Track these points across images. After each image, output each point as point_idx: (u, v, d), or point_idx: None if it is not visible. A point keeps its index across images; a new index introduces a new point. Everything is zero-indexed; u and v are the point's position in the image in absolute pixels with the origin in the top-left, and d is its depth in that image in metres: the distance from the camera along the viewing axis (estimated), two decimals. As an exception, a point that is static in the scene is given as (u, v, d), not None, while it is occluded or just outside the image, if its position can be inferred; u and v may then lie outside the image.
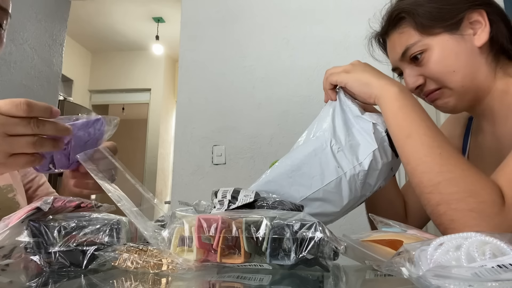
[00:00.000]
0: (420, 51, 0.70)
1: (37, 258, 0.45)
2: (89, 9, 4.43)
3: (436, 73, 0.69)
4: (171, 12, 4.48)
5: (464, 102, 0.71)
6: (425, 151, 0.56)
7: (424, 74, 0.71)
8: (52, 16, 2.89)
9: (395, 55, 0.75)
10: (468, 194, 0.51)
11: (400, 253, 0.38)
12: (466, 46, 0.68)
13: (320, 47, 2.34)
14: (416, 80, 0.72)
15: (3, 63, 2.43)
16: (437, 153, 0.55)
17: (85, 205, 0.53)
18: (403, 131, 0.60)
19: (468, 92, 0.70)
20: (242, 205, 0.53)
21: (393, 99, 0.62)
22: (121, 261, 0.43)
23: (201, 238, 0.44)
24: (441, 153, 0.55)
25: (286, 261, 0.41)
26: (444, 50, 0.68)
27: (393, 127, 0.61)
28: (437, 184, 0.53)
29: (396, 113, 0.61)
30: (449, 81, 0.69)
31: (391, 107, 0.62)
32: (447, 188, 0.52)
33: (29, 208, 0.46)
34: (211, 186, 0.64)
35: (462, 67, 0.68)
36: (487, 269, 0.31)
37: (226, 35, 2.48)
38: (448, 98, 0.71)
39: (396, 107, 0.61)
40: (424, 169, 0.55)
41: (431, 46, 0.69)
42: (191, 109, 2.43)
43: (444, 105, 0.73)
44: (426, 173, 0.55)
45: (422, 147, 0.57)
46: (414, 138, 0.58)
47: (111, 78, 5.54)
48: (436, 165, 0.55)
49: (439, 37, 0.68)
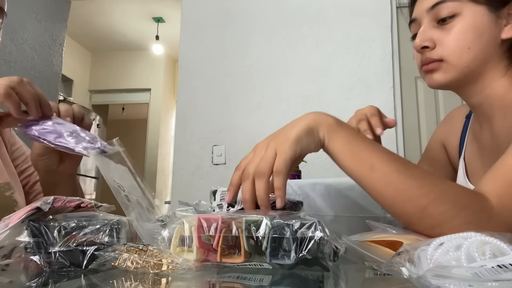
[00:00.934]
0: (452, 14, 0.66)
1: (37, 258, 0.45)
2: (89, 9, 4.43)
3: (453, 43, 0.66)
4: (171, 12, 4.48)
5: (459, 83, 0.69)
6: (398, 178, 0.52)
7: (440, 41, 0.67)
8: (52, 16, 2.89)
9: (427, 3, 0.69)
10: (459, 208, 0.50)
11: (400, 253, 0.39)
12: (492, 31, 0.66)
13: (320, 47, 2.34)
14: (426, 40, 0.68)
15: (3, 63, 2.43)
16: (408, 176, 0.52)
17: (85, 205, 0.53)
18: (363, 165, 0.54)
19: (469, 76, 0.68)
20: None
21: (336, 133, 0.56)
22: (121, 261, 0.43)
23: (201, 238, 0.44)
24: (412, 175, 0.52)
25: (286, 260, 0.41)
26: (474, 23, 0.65)
27: (349, 163, 0.55)
28: (424, 208, 0.50)
29: (347, 147, 0.55)
30: (457, 57, 0.66)
31: (339, 143, 0.55)
32: (436, 209, 0.50)
33: (29, 208, 0.46)
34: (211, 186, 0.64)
35: (478, 49, 0.66)
36: (487, 269, 0.31)
37: (226, 35, 2.48)
38: (444, 73, 0.69)
39: (344, 140, 0.55)
40: (405, 198, 0.51)
41: (465, 13, 0.66)
42: (191, 109, 2.43)
43: (438, 79, 0.69)
44: (408, 201, 0.51)
45: (392, 175, 0.52)
46: (379, 169, 0.53)
47: (111, 78, 5.54)
48: (415, 190, 0.51)
49: (477, 7, 0.65)
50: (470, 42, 0.66)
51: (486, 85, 0.69)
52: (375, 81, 2.27)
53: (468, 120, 0.83)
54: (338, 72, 2.29)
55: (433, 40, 0.69)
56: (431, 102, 2.31)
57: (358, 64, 2.29)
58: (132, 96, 5.62)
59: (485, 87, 0.69)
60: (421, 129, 2.30)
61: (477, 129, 0.77)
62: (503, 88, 0.68)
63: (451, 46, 0.67)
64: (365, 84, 2.27)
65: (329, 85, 2.28)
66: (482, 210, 0.50)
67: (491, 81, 0.68)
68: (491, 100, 0.69)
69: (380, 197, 0.54)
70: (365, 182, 0.54)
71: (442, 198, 0.50)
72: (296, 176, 0.91)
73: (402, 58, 2.33)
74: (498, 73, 0.68)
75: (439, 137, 0.90)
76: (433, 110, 2.30)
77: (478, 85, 0.70)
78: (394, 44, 2.31)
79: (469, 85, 0.70)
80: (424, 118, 2.30)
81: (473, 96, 0.72)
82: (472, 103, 0.74)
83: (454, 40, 0.67)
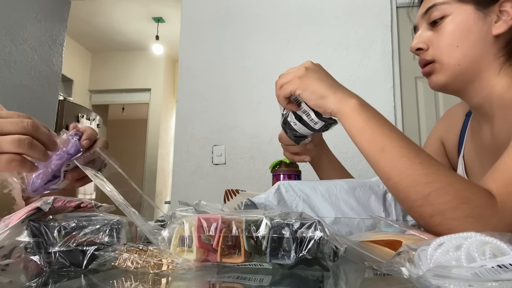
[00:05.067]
0: (442, 16, 0.68)
1: (37, 258, 0.45)
2: (89, 9, 4.43)
3: (442, 43, 0.69)
4: (171, 12, 4.48)
5: (456, 83, 0.70)
6: (405, 163, 0.53)
7: (432, 42, 0.70)
8: (52, 16, 2.89)
9: (422, 9, 0.73)
10: (461, 201, 0.50)
11: (400, 253, 0.38)
12: (481, 28, 0.67)
13: (320, 47, 2.34)
14: (419, 43, 0.71)
15: (3, 63, 2.43)
16: (417, 163, 0.53)
17: (85, 205, 0.53)
18: (375, 146, 0.56)
19: (463, 74, 0.69)
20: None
21: (355, 113, 0.59)
22: (121, 261, 0.43)
23: (201, 237, 0.44)
24: (421, 163, 0.53)
25: (286, 260, 0.41)
26: (461, 21, 0.67)
27: (363, 143, 0.58)
28: (426, 196, 0.51)
29: (362, 128, 0.58)
30: (447, 55, 0.68)
31: (355, 123, 0.59)
32: (438, 198, 0.51)
33: (29, 208, 0.46)
34: (211, 186, 0.64)
35: (467, 47, 0.67)
36: (487, 269, 0.31)
37: (226, 35, 2.48)
38: (439, 74, 0.70)
39: (360, 121, 0.58)
40: (409, 183, 0.52)
41: (454, 14, 0.68)
42: (191, 109, 2.43)
43: (435, 80, 0.72)
44: (413, 186, 0.52)
45: (401, 159, 0.54)
46: (390, 152, 0.55)
47: (111, 78, 5.54)
48: (420, 177, 0.52)
49: (464, 7, 0.67)
50: (458, 41, 0.68)
51: (484, 84, 0.69)
52: (375, 81, 2.27)
53: (468, 118, 0.83)
54: (338, 72, 2.27)
55: (426, 42, 0.71)
56: (431, 102, 2.31)
57: (358, 64, 2.29)
58: (132, 96, 5.62)
59: (484, 86, 0.69)
60: (421, 129, 2.30)
61: (476, 128, 0.78)
62: (503, 88, 0.68)
63: (440, 46, 0.69)
64: (365, 84, 2.27)
65: (329, 85, 2.28)
66: (485, 207, 0.50)
67: (489, 80, 0.69)
68: (491, 100, 0.69)
69: (386, 179, 0.56)
70: (374, 162, 0.57)
71: (446, 189, 0.51)
72: (296, 176, 0.91)
73: (402, 58, 2.33)
74: (494, 70, 0.68)
75: (438, 134, 0.90)
76: (433, 110, 2.30)
77: (476, 85, 0.70)
78: (394, 44, 2.31)
79: (468, 85, 0.70)
80: (424, 118, 2.30)
81: (474, 97, 0.72)
82: (474, 104, 0.74)
83: (443, 40, 0.69)
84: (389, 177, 0.55)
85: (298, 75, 0.64)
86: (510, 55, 0.68)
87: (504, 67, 0.68)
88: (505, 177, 0.52)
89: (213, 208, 0.61)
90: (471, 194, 0.51)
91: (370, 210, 0.66)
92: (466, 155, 0.80)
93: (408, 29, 2.33)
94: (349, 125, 0.60)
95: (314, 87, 0.63)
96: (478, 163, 0.77)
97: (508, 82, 0.67)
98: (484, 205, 0.50)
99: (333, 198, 0.67)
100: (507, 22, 0.66)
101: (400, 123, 2.25)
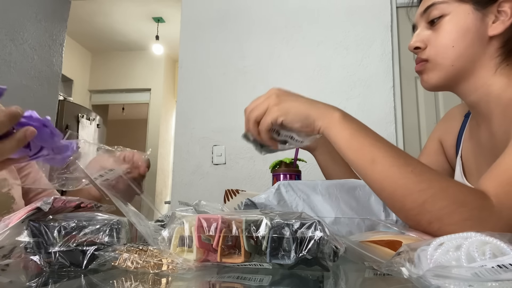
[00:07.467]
0: (440, 15, 0.68)
1: (37, 258, 0.45)
2: (89, 9, 4.43)
3: (438, 42, 0.69)
4: (171, 12, 4.48)
5: (450, 82, 0.70)
6: (397, 173, 0.53)
7: (430, 41, 0.70)
8: (52, 16, 2.89)
9: (421, 8, 0.73)
10: (458, 204, 0.50)
11: (400, 253, 0.39)
12: (478, 29, 0.67)
13: (320, 47, 2.34)
14: (417, 41, 0.71)
15: (3, 63, 2.43)
16: (409, 171, 0.52)
17: (85, 205, 0.53)
18: (365, 158, 0.55)
19: (457, 74, 0.69)
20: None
21: (340, 126, 0.58)
22: (121, 261, 0.43)
23: (201, 237, 0.44)
24: (413, 171, 0.52)
25: (286, 260, 0.41)
26: (459, 21, 0.67)
27: (351, 155, 0.57)
28: (422, 203, 0.50)
29: (349, 141, 0.57)
30: (441, 56, 0.68)
31: (342, 136, 0.58)
32: (434, 204, 0.50)
33: (29, 208, 0.46)
34: (211, 186, 0.64)
35: (463, 47, 0.67)
36: (487, 269, 0.31)
37: (226, 35, 2.48)
38: (431, 73, 0.70)
39: (347, 134, 0.57)
40: (403, 192, 0.52)
41: (452, 13, 0.68)
42: (191, 109, 2.43)
43: (427, 79, 0.72)
44: (407, 195, 0.51)
45: (392, 169, 0.53)
46: (380, 162, 0.54)
47: (111, 78, 5.54)
48: (414, 185, 0.51)
49: (463, 6, 0.67)
50: (454, 41, 0.67)
51: (480, 83, 0.69)
52: (375, 81, 2.27)
53: (466, 119, 0.83)
54: (338, 72, 2.28)
55: (424, 41, 0.71)
56: (431, 102, 2.31)
57: (358, 64, 2.29)
58: (132, 96, 5.62)
59: (479, 86, 0.69)
60: (421, 129, 2.30)
61: (474, 128, 0.78)
62: (499, 87, 0.68)
63: (436, 46, 0.69)
64: (365, 84, 2.27)
65: (329, 85, 2.28)
66: (482, 208, 0.50)
67: (485, 79, 0.69)
68: (487, 99, 0.69)
69: (380, 190, 0.55)
70: (366, 174, 0.56)
71: (441, 194, 0.50)
72: (296, 176, 0.91)
73: (402, 58, 2.32)
74: (490, 71, 0.68)
75: (437, 134, 0.90)
76: (433, 110, 2.30)
77: (470, 84, 0.70)
78: (394, 44, 2.31)
79: (461, 83, 0.71)
80: (424, 118, 2.30)
81: (468, 95, 0.72)
82: (469, 102, 0.74)
83: (440, 40, 0.69)
84: (383, 188, 0.54)
85: (273, 104, 0.61)
86: (507, 55, 0.68)
87: (500, 67, 0.68)
88: (503, 177, 0.52)
89: (213, 208, 0.61)
90: (466, 197, 0.50)
91: (370, 210, 0.66)
92: (464, 155, 0.80)
93: (408, 29, 2.33)
94: (336, 139, 0.58)
95: (295, 109, 0.60)
96: (476, 163, 0.77)
97: (505, 82, 0.67)
98: (481, 207, 0.50)
99: (333, 198, 0.67)
100: (505, 23, 0.66)
101: (400, 123, 2.25)
